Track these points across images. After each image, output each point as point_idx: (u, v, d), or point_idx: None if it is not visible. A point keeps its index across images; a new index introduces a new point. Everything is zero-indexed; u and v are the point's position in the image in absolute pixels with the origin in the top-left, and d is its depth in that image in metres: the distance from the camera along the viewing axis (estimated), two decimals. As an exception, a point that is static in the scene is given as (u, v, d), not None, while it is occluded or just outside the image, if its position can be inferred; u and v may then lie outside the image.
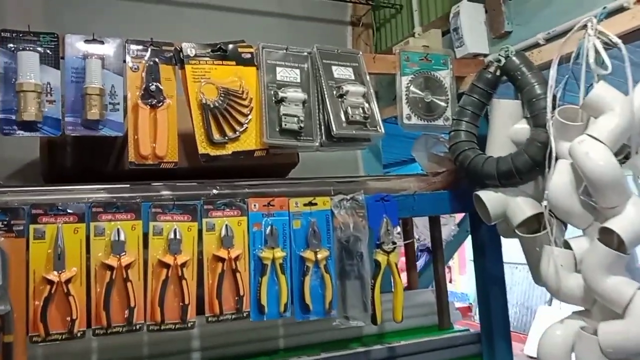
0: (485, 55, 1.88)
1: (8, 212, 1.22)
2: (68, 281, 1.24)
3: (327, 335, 1.81)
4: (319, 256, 1.50)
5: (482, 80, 1.63)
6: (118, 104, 1.37)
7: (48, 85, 1.32)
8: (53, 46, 1.33)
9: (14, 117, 1.27)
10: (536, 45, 1.66)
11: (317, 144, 1.51)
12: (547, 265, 1.35)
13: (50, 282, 1.22)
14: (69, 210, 1.27)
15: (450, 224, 2.68)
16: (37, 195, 1.32)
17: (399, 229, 1.63)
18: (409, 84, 1.72)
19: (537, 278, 1.45)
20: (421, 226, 2.84)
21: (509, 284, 1.54)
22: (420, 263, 2.79)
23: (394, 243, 1.60)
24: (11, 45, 1.29)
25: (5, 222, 1.21)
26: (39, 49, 1.31)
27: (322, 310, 1.51)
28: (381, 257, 1.57)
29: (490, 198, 1.55)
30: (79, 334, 1.25)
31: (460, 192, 1.75)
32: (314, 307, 1.49)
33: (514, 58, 1.55)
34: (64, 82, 1.33)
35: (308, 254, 1.49)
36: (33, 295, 1.22)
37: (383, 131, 1.56)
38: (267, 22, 2.55)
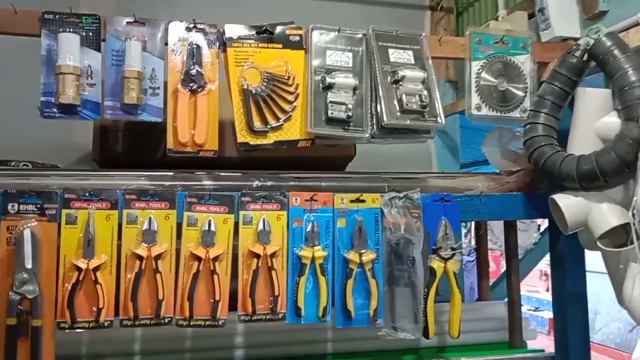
0: (576, 40, 1.63)
1: (41, 196, 1.21)
2: (96, 269, 1.21)
3: (377, 343, 1.67)
4: (364, 259, 1.36)
5: (565, 65, 1.40)
6: (158, 88, 1.33)
7: (89, 68, 1.29)
8: (95, 28, 1.30)
9: (53, 100, 1.26)
10: (635, 24, 1.40)
11: (367, 135, 1.37)
12: (631, 286, 1.12)
13: (79, 269, 1.20)
14: (102, 197, 1.24)
15: (531, 230, 2.41)
16: (75, 179, 1.31)
17: (465, 232, 1.46)
18: (480, 70, 1.52)
19: (620, 299, 1.21)
20: (498, 231, 2.58)
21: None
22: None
23: (453, 249, 1.42)
24: (54, 27, 1.28)
25: (39, 206, 1.20)
26: (81, 31, 1.29)
27: (366, 318, 1.37)
28: (437, 264, 1.41)
29: (569, 203, 1.33)
30: (106, 324, 1.22)
31: (537, 194, 1.53)
32: (356, 314, 1.36)
33: (604, 39, 1.31)
34: (105, 64, 1.31)
35: (352, 256, 1.36)
36: (62, 281, 1.20)
37: (443, 122, 1.39)
38: (338, 8, 2.44)
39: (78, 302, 1.21)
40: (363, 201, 1.40)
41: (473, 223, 2.17)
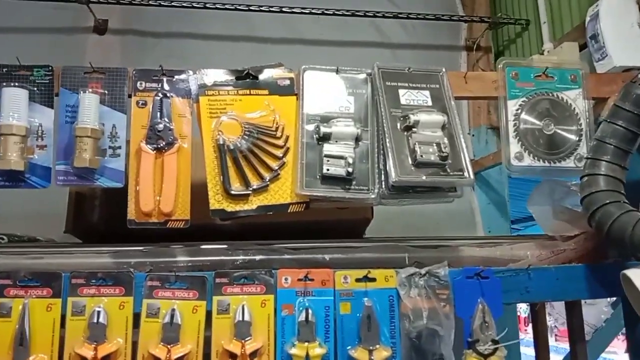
0: (641, 69, 1.32)
1: (-31, 284, 0.99)
2: (29, 376, 0.96)
3: None
4: (376, 358, 1.05)
5: (630, 98, 1.08)
6: (119, 147, 1.11)
7: (40, 127, 1.10)
8: (47, 81, 1.12)
9: (-5, 167, 1.06)
10: None
11: (373, 195, 1.09)
12: None
13: (7, 377, 0.96)
14: (42, 282, 1.01)
15: (600, 304, 1.98)
16: (22, 257, 1.09)
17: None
18: (520, 110, 1.22)
19: None
20: (558, 305, 2.17)
21: None
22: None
23: (494, 342, 1.09)
24: (3, 82, 1.10)
25: (-34, 295, 0.99)
26: (31, 85, 1.11)
27: None
28: (474, 363, 1.07)
29: (648, 281, 0.98)
30: None
31: (604, 266, 1.18)
32: None
33: (682, 61, 0.99)
34: (58, 122, 1.11)
35: (360, 354, 1.05)
36: (-11, 394, 0.96)
37: (471, 177, 1.09)
38: (365, 54, 2.21)
39: (5, 419, 0.96)
40: (373, 280, 1.10)
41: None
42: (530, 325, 1.73)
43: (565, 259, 1.21)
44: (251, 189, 1.09)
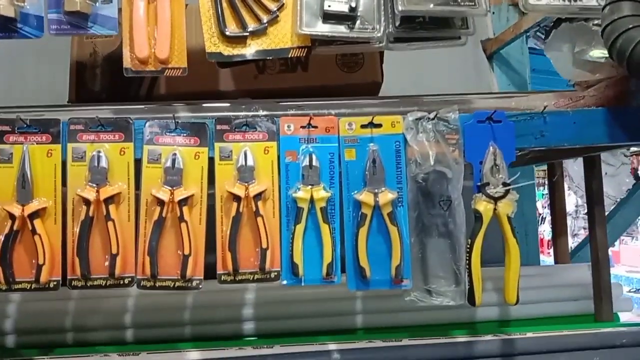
0: None
1: (-30, 129, 0.98)
2: (34, 216, 0.96)
3: (420, 316, 1.33)
4: (382, 200, 1.03)
5: None
6: (111, -7, 1.06)
7: (28, -27, 1.05)
8: None
9: (-16, 15, 1.02)
10: None
11: (379, 34, 1.03)
12: None
13: (12, 217, 0.96)
14: (41, 129, 1.00)
15: (621, 174, 1.90)
16: (22, 113, 1.07)
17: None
18: (539, -56, 1.12)
19: None
20: (577, 177, 2.10)
21: None
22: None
23: (505, 185, 1.05)
24: None
25: (-34, 141, 0.98)
26: None
27: (388, 279, 1.04)
28: (484, 206, 1.04)
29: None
30: (51, 284, 0.98)
31: (625, 110, 1.11)
32: (373, 274, 1.03)
33: None
34: (46, -33, 1.06)
35: (365, 197, 1.03)
36: (-4, 232, 0.97)
37: (484, 7, 1.01)
38: None
39: (15, 258, 0.97)
40: (379, 126, 1.06)
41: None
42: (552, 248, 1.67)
43: (584, 106, 1.14)
44: (248, 31, 1.04)
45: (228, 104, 1.17)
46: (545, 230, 5.02)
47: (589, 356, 1.16)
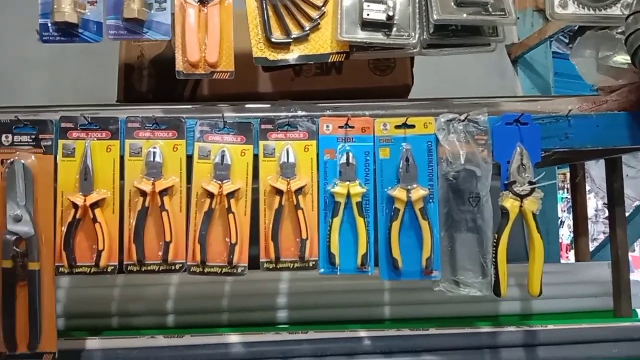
0: None
1: (37, 126, 1.07)
2: (94, 205, 1.06)
3: (445, 309, 1.40)
4: (414, 196, 1.10)
5: None
6: (165, 1, 1.14)
7: (89, -16, 1.14)
8: None
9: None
10: None
11: (414, 40, 1.10)
12: None
13: (75, 206, 1.05)
14: (101, 126, 1.09)
15: (643, 176, 1.95)
16: (79, 112, 1.16)
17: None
18: (566, -42, 1.18)
19: None
20: (599, 179, 2.14)
21: None
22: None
23: (531, 183, 1.12)
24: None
25: (34, 137, 1.07)
26: (79, -61, 1.14)
27: (419, 270, 1.11)
28: (510, 203, 1.11)
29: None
30: (108, 269, 1.07)
31: (648, 114, 1.17)
32: (405, 264, 1.10)
33: None
34: (106, -23, 1.15)
35: (398, 193, 1.10)
36: (60, 220, 1.07)
37: (513, 16, 1.08)
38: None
39: (77, 244, 1.06)
40: (412, 126, 1.13)
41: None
42: (572, 251, 1.73)
43: (607, 110, 1.20)
44: (292, 37, 1.12)
45: (269, 105, 1.26)
46: (564, 235, 5.03)
47: (608, 348, 1.22)
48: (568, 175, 1.80)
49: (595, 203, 5.61)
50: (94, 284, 1.40)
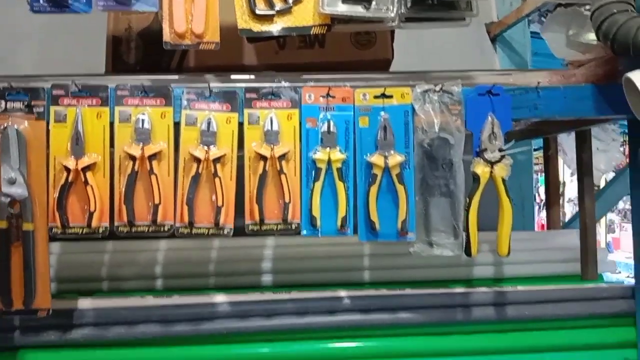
0: None
1: (29, 93, 1.12)
2: (86, 169, 1.10)
3: (419, 273, 1.47)
4: (391, 162, 1.16)
5: None
6: (152, -27, 1.18)
7: (79, -47, 1.17)
8: None
9: (40, -9, 1.15)
10: None
11: (392, 14, 1.15)
12: None
13: (67, 170, 1.10)
14: (91, 93, 1.13)
15: (612, 150, 2.04)
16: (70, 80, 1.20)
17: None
18: (538, -64, 1.24)
19: None
20: (572, 152, 2.23)
21: None
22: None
23: (501, 150, 1.18)
24: None
25: (26, 103, 1.11)
26: None
27: (395, 232, 1.18)
28: (481, 169, 1.18)
29: (648, 81, 1.04)
30: (100, 230, 1.12)
31: (612, 86, 1.23)
32: (382, 227, 1.17)
33: None
34: (95, -51, 1.18)
35: (376, 159, 1.17)
36: (53, 183, 1.11)
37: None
38: None
39: (70, 206, 1.11)
40: (390, 97, 1.19)
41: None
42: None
43: (575, 83, 1.27)
44: (275, 10, 1.16)
45: (253, 76, 1.30)
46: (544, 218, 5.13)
47: (573, 307, 1.30)
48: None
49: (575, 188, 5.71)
50: (84, 249, 1.46)
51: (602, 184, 2.61)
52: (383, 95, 1.19)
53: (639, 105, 1.08)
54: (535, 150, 2.50)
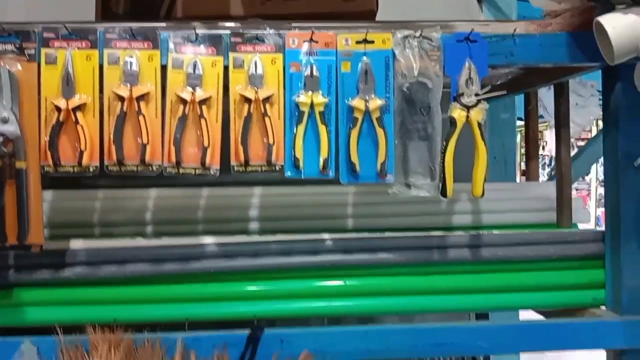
0: None
1: (20, 35, 1.15)
2: (76, 109, 1.14)
3: (400, 221, 1.52)
4: (371, 106, 1.21)
5: None
6: None
7: None
8: None
9: None
10: None
11: (372, -38, 1.18)
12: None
13: (58, 109, 1.14)
14: (81, 36, 1.16)
15: (590, 105, 2.09)
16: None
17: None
18: None
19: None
20: (551, 107, 2.29)
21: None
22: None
23: (477, 95, 1.23)
24: None
25: (18, 45, 1.14)
26: None
27: (374, 174, 1.23)
28: (458, 113, 1.23)
29: (616, 25, 1.08)
30: (91, 169, 1.16)
31: (586, 34, 1.27)
32: (362, 169, 1.22)
33: None
34: None
35: (357, 103, 1.21)
36: (45, 123, 1.15)
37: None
38: None
39: (61, 145, 1.15)
40: (372, 42, 1.23)
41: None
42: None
43: (551, 31, 1.31)
44: (261, -43, 1.19)
45: (240, 24, 1.33)
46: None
47: (546, 249, 1.36)
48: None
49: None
50: (76, 197, 1.50)
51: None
52: (365, 41, 1.22)
53: (609, 50, 1.12)
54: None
